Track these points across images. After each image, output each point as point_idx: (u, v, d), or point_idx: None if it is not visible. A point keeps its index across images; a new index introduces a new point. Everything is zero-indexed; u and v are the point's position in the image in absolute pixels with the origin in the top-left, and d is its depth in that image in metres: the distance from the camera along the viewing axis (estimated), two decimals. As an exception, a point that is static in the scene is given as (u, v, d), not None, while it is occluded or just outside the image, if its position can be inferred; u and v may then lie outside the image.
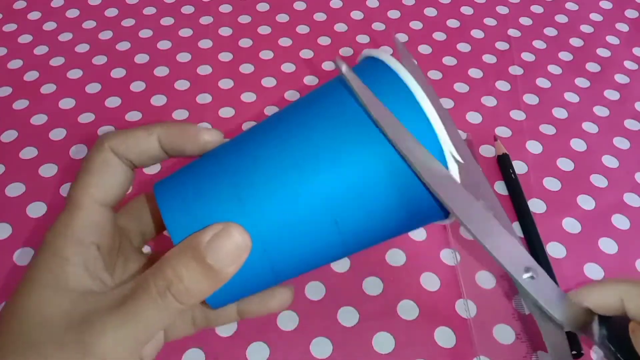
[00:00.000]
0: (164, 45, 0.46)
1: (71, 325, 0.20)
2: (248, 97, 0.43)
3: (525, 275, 0.23)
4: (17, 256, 0.33)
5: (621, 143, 0.41)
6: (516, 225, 0.35)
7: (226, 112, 0.41)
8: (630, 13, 0.51)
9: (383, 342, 0.30)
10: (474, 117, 0.42)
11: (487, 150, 0.40)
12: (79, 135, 0.40)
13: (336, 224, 0.23)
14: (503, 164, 0.38)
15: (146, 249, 0.30)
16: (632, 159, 0.40)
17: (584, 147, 0.40)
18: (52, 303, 0.21)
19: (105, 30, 0.47)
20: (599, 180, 0.38)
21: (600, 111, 0.43)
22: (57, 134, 0.40)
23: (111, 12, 0.49)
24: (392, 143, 0.22)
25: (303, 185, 0.22)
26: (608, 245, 0.35)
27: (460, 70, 0.45)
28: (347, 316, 0.31)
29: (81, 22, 0.48)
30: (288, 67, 0.45)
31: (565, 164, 0.39)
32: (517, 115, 0.42)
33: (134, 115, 0.41)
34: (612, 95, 0.44)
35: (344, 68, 0.24)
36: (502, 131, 0.41)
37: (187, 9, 0.49)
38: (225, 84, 0.43)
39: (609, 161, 0.39)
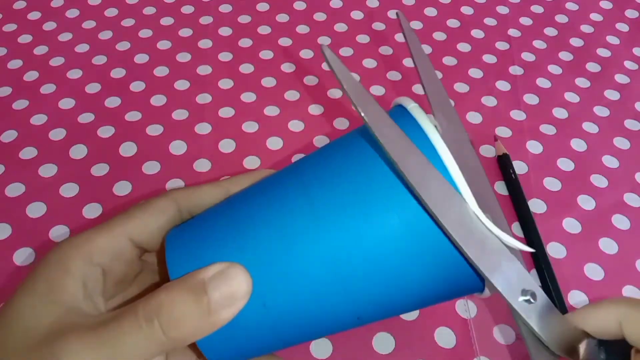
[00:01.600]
0: (163, 45, 0.46)
1: (47, 338, 0.19)
2: (248, 97, 0.42)
3: (521, 298, 0.21)
4: (17, 256, 0.33)
5: (621, 143, 0.41)
6: (516, 226, 0.35)
7: (226, 112, 0.41)
8: (630, 13, 0.51)
9: (383, 342, 0.30)
10: (474, 117, 0.42)
11: (487, 150, 0.39)
12: (79, 135, 0.39)
13: (344, 285, 0.21)
14: (503, 164, 0.38)
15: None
16: (632, 159, 0.40)
17: (584, 147, 0.40)
18: (37, 313, 0.20)
19: (105, 30, 0.47)
20: (599, 180, 0.38)
21: (601, 111, 0.43)
22: (57, 134, 0.40)
23: (111, 12, 0.49)
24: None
25: (310, 237, 0.21)
26: (608, 245, 0.35)
27: (461, 70, 0.45)
28: (347, 316, 0.31)
29: (81, 22, 0.48)
30: (288, 67, 0.45)
31: (565, 164, 0.39)
32: (517, 115, 0.42)
33: (133, 115, 0.41)
34: (612, 95, 0.44)
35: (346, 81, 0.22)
36: (502, 131, 0.41)
37: (187, 9, 0.49)
38: (225, 84, 0.43)
39: (609, 161, 0.39)
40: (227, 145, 0.39)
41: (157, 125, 0.40)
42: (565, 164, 0.39)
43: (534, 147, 0.40)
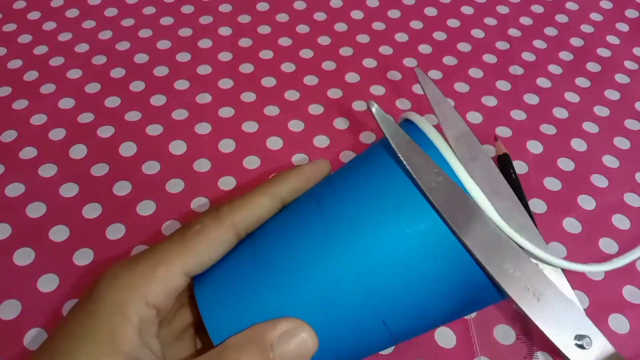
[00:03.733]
0: (163, 45, 0.46)
1: None
2: (248, 96, 0.42)
3: (574, 343, 0.20)
4: (17, 256, 0.33)
5: (622, 143, 0.41)
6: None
7: (226, 112, 0.41)
8: (631, 13, 0.51)
9: (383, 342, 0.30)
10: (474, 117, 0.42)
11: (488, 150, 0.39)
12: (79, 135, 0.39)
13: (378, 313, 0.22)
14: (503, 164, 0.38)
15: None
16: (632, 159, 0.40)
17: (584, 147, 0.40)
18: None
19: (105, 30, 0.47)
20: (599, 180, 0.38)
21: (601, 111, 0.43)
22: (57, 134, 0.40)
23: (111, 12, 0.49)
24: (443, 218, 0.21)
25: (341, 268, 0.21)
26: (608, 245, 0.35)
27: (461, 70, 0.45)
28: (347, 316, 0.31)
29: (81, 22, 0.48)
30: (288, 67, 0.45)
31: (565, 164, 0.39)
32: (518, 115, 0.42)
33: (133, 115, 0.41)
34: (612, 95, 0.44)
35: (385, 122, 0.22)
36: (503, 131, 0.41)
37: (187, 9, 0.49)
38: (225, 83, 0.43)
39: (610, 161, 0.39)
40: (227, 145, 0.39)
41: (157, 125, 0.40)
42: (566, 164, 0.39)
43: (534, 147, 0.40)
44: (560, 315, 0.20)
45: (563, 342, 0.20)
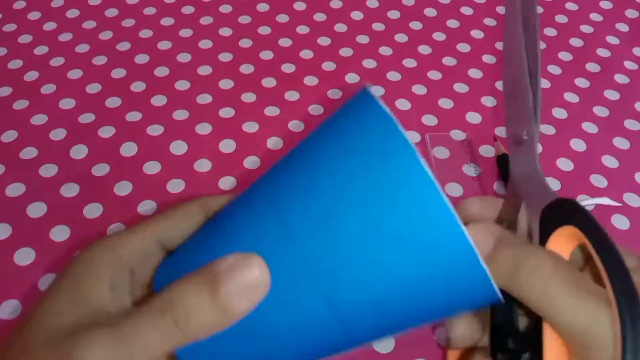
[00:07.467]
0: (164, 45, 0.46)
1: (69, 336, 0.19)
2: (248, 97, 0.43)
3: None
4: (17, 256, 0.33)
5: (621, 143, 0.41)
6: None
7: (226, 112, 0.41)
8: (630, 13, 0.51)
9: (383, 342, 0.30)
10: (473, 117, 0.42)
11: (487, 151, 0.40)
12: (79, 135, 0.40)
13: (329, 303, 0.19)
14: (503, 164, 0.38)
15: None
16: (632, 159, 0.40)
17: (584, 147, 0.40)
18: (62, 314, 0.20)
19: (106, 30, 0.47)
20: (599, 181, 0.38)
21: (600, 111, 0.43)
22: (57, 134, 0.40)
23: (111, 13, 0.49)
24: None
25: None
26: (608, 245, 0.35)
27: (460, 71, 0.45)
28: (347, 316, 0.31)
29: (81, 22, 0.48)
30: (288, 68, 0.45)
31: (565, 164, 0.39)
32: (517, 115, 0.42)
33: (134, 116, 0.41)
34: (612, 95, 0.44)
35: None
36: (502, 131, 0.41)
37: (188, 9, 0.49)
38: (226, 84, 0.43)
39: (609, 161, 0.39)
40: (227, 145, 0.39)
41: (158, 126, 0.40)
42: (565, 164, 0.39)
43: (534, 147, 0.40)
44: None
45: None
